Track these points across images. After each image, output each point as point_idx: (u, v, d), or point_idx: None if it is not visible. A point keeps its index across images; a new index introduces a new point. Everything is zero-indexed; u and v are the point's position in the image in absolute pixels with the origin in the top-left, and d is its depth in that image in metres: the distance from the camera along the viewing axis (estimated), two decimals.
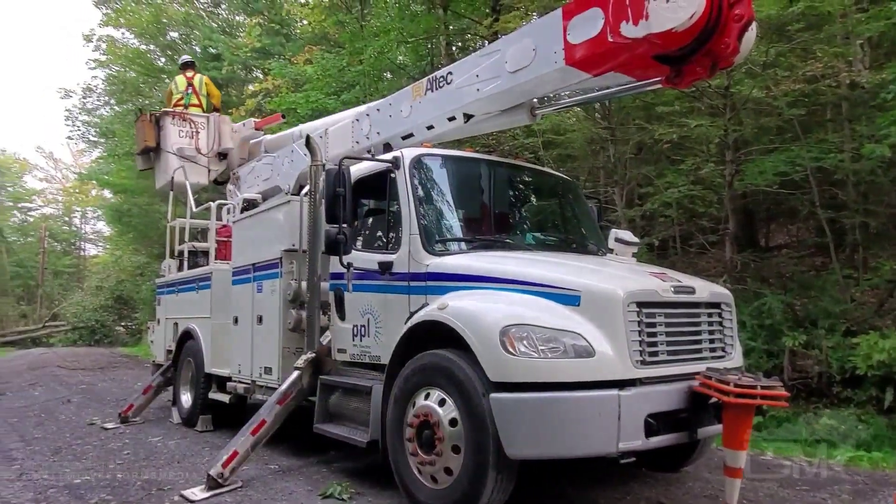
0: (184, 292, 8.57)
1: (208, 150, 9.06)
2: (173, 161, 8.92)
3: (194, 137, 9.02)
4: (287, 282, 6.01)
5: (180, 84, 9.69)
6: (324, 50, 16.25)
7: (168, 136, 8.93)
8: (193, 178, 8.91)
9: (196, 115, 9.17)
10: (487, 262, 4.48)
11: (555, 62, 4.46)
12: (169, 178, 8.93)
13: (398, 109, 5.80)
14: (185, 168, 8.85)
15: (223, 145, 9.03)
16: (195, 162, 8.96)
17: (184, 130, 8.97)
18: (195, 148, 8.99)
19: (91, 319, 30.90)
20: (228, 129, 9.23)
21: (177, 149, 8.82)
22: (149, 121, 9.09)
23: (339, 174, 4.80)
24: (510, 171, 5.84)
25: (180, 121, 8.96)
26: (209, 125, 9.16)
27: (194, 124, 9.02)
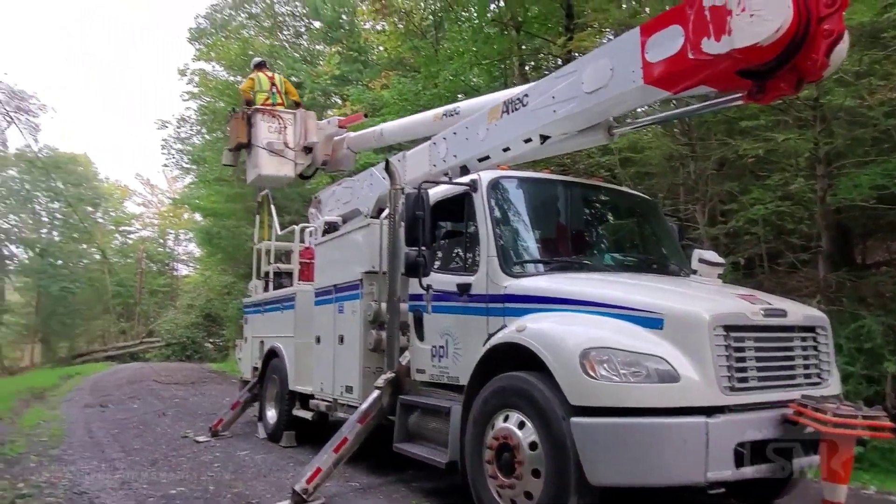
0: (269, 312, 8.94)
1: (295, 144, 9.39)
2: (263, 155, 9.28)
3: (282, 132, 9.38)
4: (367, 303, 6.17)
5: (264, 83, 10.06)
6: (400, 75, 16.68)
7: (258, 132, 9.32)
8: (281, 171, 9.27)
9: (284, 112, 9.56)
10: (566, 283, 4.46)
11: (633, 81, 4.43)
12: (259, 172, 9.32)
13: (474, 132, 5.90)
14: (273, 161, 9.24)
15: (309, 139, 9.37)
16: (283, 156, 9.31)
17: (273, 126, 9.36)
18: (283, 142, 9.35)
19: (183, 336, 32.66)
20: (314, 124, 9.58)
21: (266, 143, 9.20)
22: (241, 118, 9.54)
23: (419, 198, 4.91)
24: (587, 191, 5.80)
25: (269, 117, 9.37)
26: (296, 120, 9.53)
27: (282, 120, 9.40)
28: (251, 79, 9.95)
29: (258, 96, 9.84)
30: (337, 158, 9.39)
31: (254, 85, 9.84)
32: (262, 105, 9.73)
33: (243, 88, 10.01)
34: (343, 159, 9.46)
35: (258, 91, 9.91)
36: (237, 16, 27.23)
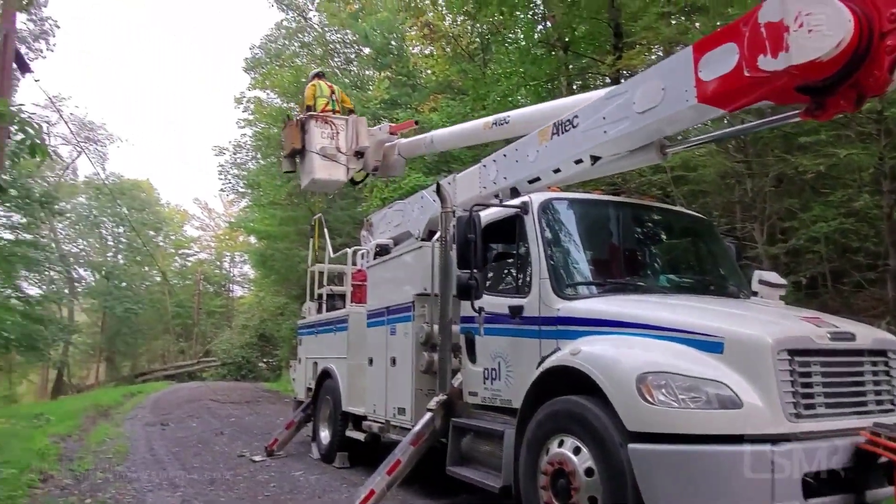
0: (323, 333, 9.10)
1: (347, 149, 9.58)
2: (316, 160, 9.47)
3: (335, 138, 9.56)
4: (419, 325, 6.22)
5: (325, 90, 10.27)
6: (448, 98, 16.90)
7: (312, 138, 9.51)
8: (334, 176, 9.48)
9: (336, 118, 9.77)
10: (620, 306, 4.40)
11: (686, 100, 4.38)
12: (312, 177, 9.53)
13: (524, 154, 5.91)
14: (326, 166, 9.41)
15: (360, 144, 9.53)
16: (335, 160, 9.50)
17: (325, 132, 9.54)
18: (336, 147, 9.53)
19: (238, 356, 33.46)
20: (365, 130, 9.76)
21: (319, 148, 9.40)
22: (295, 125, 9.80)
23: (470, 220, 4.95)
24: (639, 212, 5.72)
25: (322, 123, 9.57)
26: (348, 126, 9.73)
27: (335, 126, 9.60)
28: (313, 86, 10.21)
29: (319, 101, 10.03)
30: (388, 164, 9.54)
31: (315, 91, 10.08)
32: (323, 111, 9.98)
33: (306, 95, 10.28)
34: (394, 165, 9.60)
35: (319, 97, 10.10)
36: (290, 45, 28.16)
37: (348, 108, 10.43)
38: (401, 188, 14.18)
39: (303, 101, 10.32)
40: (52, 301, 27.46)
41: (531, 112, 6.94)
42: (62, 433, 10.96)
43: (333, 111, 10.00)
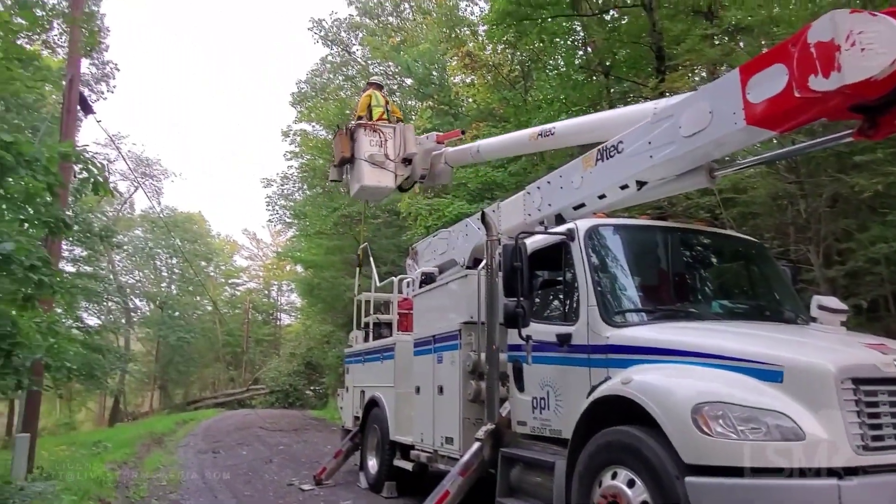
0: (370, 362, 9.16)
1: (395, 156, 9.71)
2: (365, 167, 9.60)
3: (383, 145, 9.71)
4: (466, 353, 6.20)
5: (380, 100, 10.53)
6: (490, 125, 17.02)
7: (361, 146, 9.69)
8: (382, 182, 9.60)
9: (384, 126, 9.94)
10: (672, 333, 4.30)
11: (734, 123, 4.32)
12: (361, 184, 9.65)
13: (569, 180, 5.90)
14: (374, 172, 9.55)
15: (408, 150, 9.66)
16: (384, 167, 9.63)
17: (374, 140, 9.70)
18: (384, 154, 9.68)
19: (285, 384, 33.89)
20: (412, 137, 9.89)
21: (368, 155, 9.56)
22: (345, 134, 9.99)
23: (516, 248, 4.94)
24: (688, 236, 5.62)
25: (371, 131, 9.75)
26: (395, 134, 9.89)
27: (383, 134, 9.76)
28: (368, 95, 10.43)
29: (375, 111, 10.25)
30: (435, 172, 9.63)
31: (371, 101, 10.29)
32: (377, 120, 10.15)
33: (360, 104, 10.49)
34: (441, 173, 9.70)
35: (375, 106, 10.34)
36: (334, 79, 28.96)
37: (398, 118, 10.63)
38: (445, 216, 14.28)
39: (356, 109, 10.56)
40: (110, 331, 28.47)
41: (576, 123, 6.95)
42: (119, 460, 11.27)
43: (389, 120, 10.18)
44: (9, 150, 5.52)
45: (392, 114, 10.54)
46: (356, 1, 28.73)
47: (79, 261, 22.52)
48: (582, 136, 7.37)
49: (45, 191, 6.10)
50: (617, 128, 6.42)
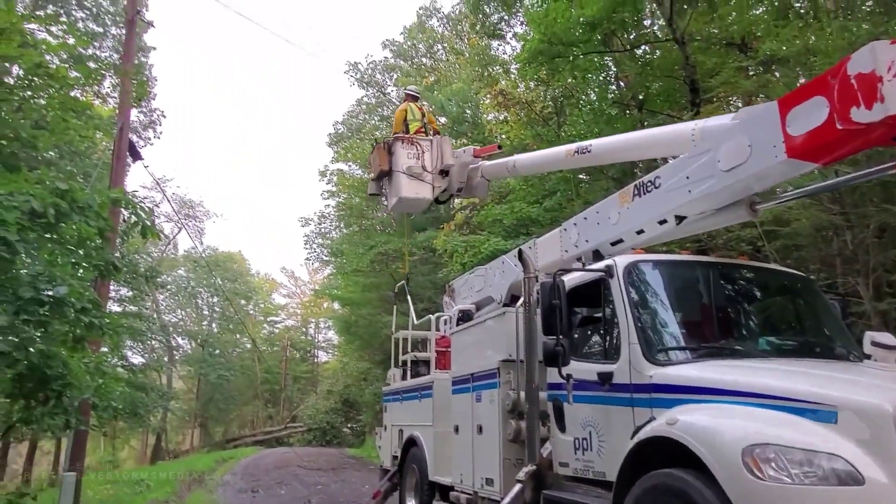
0: (408, 400, 9.11)
1: (433, 168, 9.78)
2: (403, 179, 9.68)
3: (420, 157, 9.80)
4: (505, 392, 6.12)
5: (416, 113, 10.61)
6: None
7: (398, 159, 9.81)
8: (420, 194, 9.65)
9: (421, 139, 10.04)
10: (717, 371, 4.19)
11: (775, 156, 4.28)
12: (399, 195, 9.72)
13: (606, 216, 5.88)
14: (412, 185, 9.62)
15: (445, 162, 9.70)
16: (421, 179, 9.69)
17: (411, 153, 9.81)
18: (422, 166, 9.76)
19: (323, 421, 33.93)
20: (449, 150, 9.94)
21: (406, 168, 9.64)
22: (382, 148, 10.12)
23: (554, 286, 4.91)
24: (731, 271, 5.50)
25: (408, 144, 9.87)
26: (433, 146, 9.97)
27: (420, 146, 9.87)
28: (403, 109, 10.56)
29: (412, 125, 10.39)
30: (472, 186, 9.67)
31: (408, 114, 10.42)
32: (415, 133, 10.26)
33: (396, 118, 10.62)
34: (478, 187, 9.73)
35: (412, 120, 10.46)
36: (370, 119, 29.64)
37: (434, 130, 10.73)
38: (480, 253, 14.32)
39: (394, 122, 10.70)
40: (153, 369, 29.04)
41: (613, 141, 6.94)
42: (161, 499, 11.37)
43: (426, 133, 10.29)
44: (64, 198, 5.79)
45: (429, 125, 10.65)
46: (391, 44, 29.59)
47: (125, 301, 23.19)
48: (618, 155, 7.33)
49: (97, 235, 6.35)
50: (654, 147, 6.41)
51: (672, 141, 5.73)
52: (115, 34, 19.78)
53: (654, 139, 6.17)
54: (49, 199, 5.60)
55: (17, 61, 7.39)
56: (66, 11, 18.55)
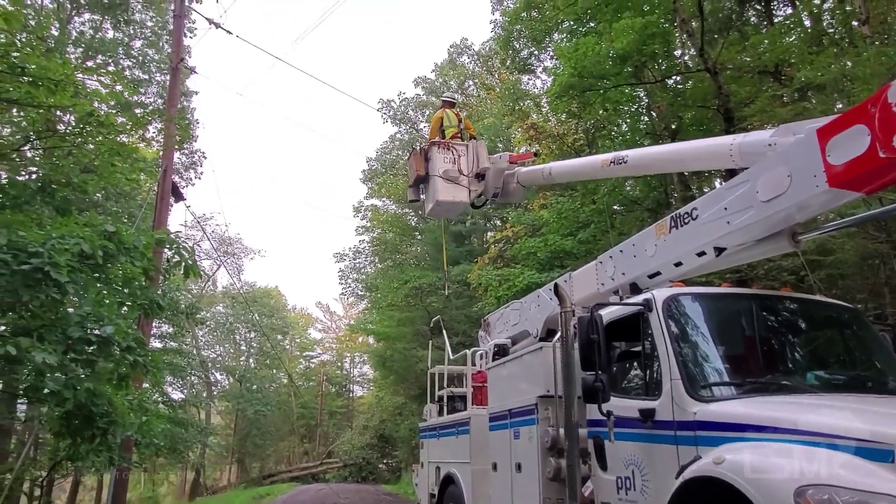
0: (444, 437, 9.03)
1: (469, 171, 9.78)
2: (440, 183, 9.68)
3: (456, 162, 9.81)
4: (544, 428, 6.03)
5: (452, 119, 10.63)
6: (557, 194, 17.12)
7: (435, 164, 9.82)
8: (457, 197, 9.64)
9: (457, 143, 10.05)
10: (765, 408, 4.06)
11: (816, 186, 4.22)
12: (437, 198, 9.69)
13: (642, 249, 5.82)
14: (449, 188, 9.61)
15: (481, 165, 9.72)
16: (458, 182, 9.68)
17: (448, 157, 9.82)
18: (458, 170, 9.77)
19: (358, 457, 33.70)
20: (485, 153, 9.96)
21: (442, 172, 9.65)
22: (419, 154, 10.16)
23: (592, 320, 4.85)
24: (775, 303, 5.37)
25: (444, 149, 9.87)
26: (468, 150, 9.98)
27: (456, 151, 9.87)
28: (438, 116, 10.61)
29: (448, 131, 10.44)
30: (507, 191, 9.67)
31: (444, 121, 10.47)
32: (454, 138, 10.29)
33: (432, 127, 10.66)
34: (513, 193, 9.72)
35: (448, 126, 10.51)
36: (403, 155, 30.07)
37: (472, 135, 10.74)
38: (515, 286, 14.26)
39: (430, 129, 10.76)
40: (192, 404, 29.39)
41: (650, 153, 6.89)
42: None
43: (463, 138, 10.35)
44: (112, 239, 6.01)
45: (466, 130, 10.71)
46: (423, 81, 30.17)
47: (165, 337, 23.66)
48: (654, 166, 7.26)
49: (142, 275, 6.56)
50: (691, 160, 6.34)
51: (709, 154, 5.68)
52: (159, 80, 20.66)
53: (691, 152, 6.11)
54: (98, 241, 5.83)
55: (71, 110, 7.76)
56: (114, 60, 19.49)
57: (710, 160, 5.93)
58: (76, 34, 19.17)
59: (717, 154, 5.46)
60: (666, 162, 6.75)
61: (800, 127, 4.64)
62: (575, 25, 15.17)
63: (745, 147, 5.03)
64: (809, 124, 4.50)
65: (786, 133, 4.76)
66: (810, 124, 4.49)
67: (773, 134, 4.84)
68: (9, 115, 8.37)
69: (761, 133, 5.13)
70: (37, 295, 5.53)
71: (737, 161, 5.18)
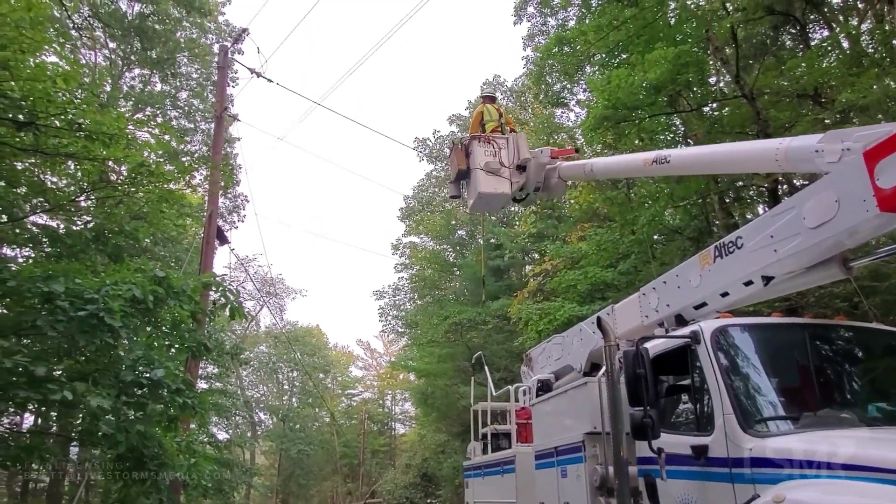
0: (489, 475, 8.88)
1: (510, 163, 9.71)
2: (481, 176, 9.65)
3: (497, 154, 9.77)
4: (592, 466, 5.87)
5: (493, 113, 10.63)
6: (595, 226, 17.02)
7: (475, 157, 9.79)
8: (499, 189, 9.57)
9: (498, 137, 10.03)
10: (825, 443, 3.88)
11: (866, 210, 4.10)
12: (479, 190, 9.66)
13: (686, 279, 5.71)
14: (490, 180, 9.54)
15: (522, 157, 9.64)
16: (499, 175, 9.61)
17: (488, 150, 9.79)
18: (499, 162, 9.72)
19: (402, 497, 33.26)
20: (525, 145, 9.90)
21: (484, 164, 9.63)
22: (460, 149, 10.15)
23: (638, 354, 4.76)
24: (829, 333, 5.18)
25: (485, 143, 9.86)
26: (509, 143, 9.94)
27: (497, 144, 9.85)
28: (479, 111, 10.66)
29: (488, 125, 10.44)
30: (549, 186, 9.56)
31: (484, 115, 10.49)
32: (493, 131, 10.27)
33: (473, 121, 10.67)
34: (555, 187, 9.59)
35: (489, 121, 10.51)
36: (439, 192, 30.40)
37: (512, 129, 10.69)
38: (556, 320, 14.11)
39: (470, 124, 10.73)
40: (237, 444, 29.61)
41: (693, 153, 6.76)
42: None
43: (503, 132, 10.32)
44: (161, 284, 6.21)
45: (507, 125, 10.68)
46: (457, 119, 30.60)
47: (211, 378, 24.02)
48: (697, 167, 7.08)
49: (189, 318, 6.73)
50: (735, 162, 6.14)
51: (754, 157, 5.51)
52: (203, 129, 21.49)
53: (736, 154, 5.92)
54: (149, 286, 6.03)
55: (124, 161, 8.14)
56: (161, 111, 20.40)
57: (755, 163, 5.72)
58: (127, 88, 20.19)
59: (762, 157, 5.30)
60: (709, 163, 6.58)
61: (848, 134, 4.49)
62: (607, 58, 15.27)
63: (791, 152, 4.86)
64: (859, 132, 4.38)
65: (834, 139, 4.59)
66: (860, 132, 4.37)
67: (820, 140, 4.67)
68: (65, 168, 8.81)
69: (808, 137, 4.94)
70: (92, 340, 5.74)
71: (782, 165, 5.02)
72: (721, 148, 6.64)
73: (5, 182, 7.44)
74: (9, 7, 6.01)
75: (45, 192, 7.84)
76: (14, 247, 8.21)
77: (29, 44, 6.35)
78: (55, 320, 5.63)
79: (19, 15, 6.08)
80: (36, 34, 6.43)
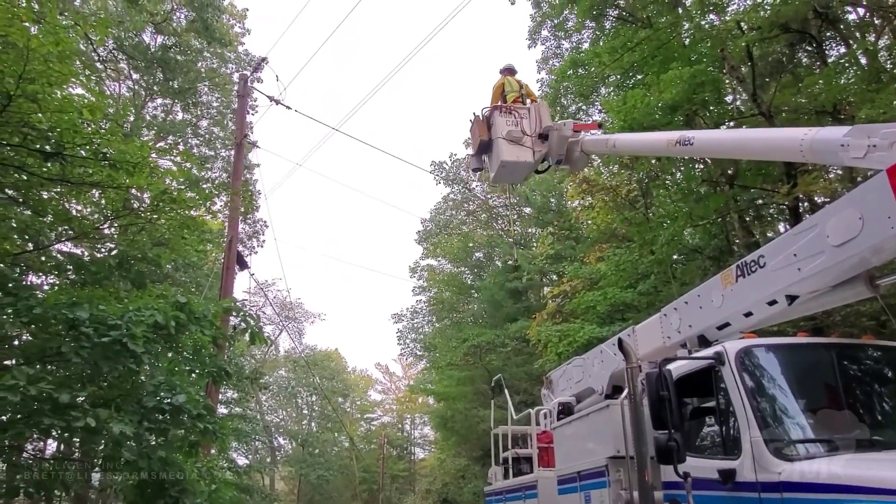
0: (511, 501, 8.75)
1: (532, 132, 9.62)
2: (503, 145, 9.55)
3: (519, 124, 9.69)
4: (616, 491, 5.77)
5: (514, 85, 10.57)
6: (613, 246, 16.91)
7: (497, 127, 9.71)
8: (521, 158, 9.47)
9: (519, 107, 9.95)
10: (859, 466, 3.79)
11: (891, 227, 4.03)
12: (501, 159, 9.55)
13: (708, 300, 5.64)
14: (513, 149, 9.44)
15: (544, 125, 9.56)
16: (521, 143, 9.52)
17: (510, 120, 9.71)
18: (521, 131, 9.63)
19: None
20: (547, 113, 9.85)
21: (506, 133, 9.54)
22: (482, 120, 10.04)
23: (660, 377, 4.69)
24: (858, 352, 5.08)
25: (506, 113, 9.78)
26: (531, 112, 9.86)
27: (518, 114, 9.78)
28: (500, 83, 10.58)
29: (509, 96, 10.36)
30: (571, 159, 9.48)
31: (505, 87, 10.44)
32: (514, 102, 10.19)
33: (494, 93, 10.58)
34: (577, 161, 9.50)
35: (509, 92, 10.45)
36: (456, 215, 30.49)
37: (532, 101, 10.54)
38: (576, 341, 13.99)
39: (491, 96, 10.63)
40: (256, 470, 29.54)
41: (717, 137, 6.63)
42: None
43: (524, 103, 10.24)
44: (183, 310, 6.27)
45: (527, 96, 10.60)
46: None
47: (231, 403, 24.08)
48: (720, 150, 6.94)
49: (210, 343, 6.77)
50: (759, 150, 5.99)
51: (778, 146, 5.37)
52: (223, 156, 21.85)
53: (760, 141, 5.78)
54: (171, 311, 6.08)
55: (147, 189, 8.28)
56: (183, 139, 20.79)
57: (779, 151, 5.57)
58: (149, 118, 20.63)
59: (786, 146, 5.17)
60: (732, 148, 6.45)
61: (875, 130, 4.38)
62: (622, 79, 15.31)
63: (816, 143, 4.74)
64: (886, 128, 4.30)
65: (860, 134, 4.47)
66: (887, 128, 4.29)
67: (846, 133, 4.53)
68: (90, 196, 8.99)
69: (835, 130, 4.82)
70: (115, 366, 5.79)
71: (806, 156, 4.91)
72: (746, 133, 6.46)
73: (32, 211, 7.60)
74: (38, 42, 6.18)
75: (71, 221, 7.98)
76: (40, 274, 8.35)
77: (56, 77, 6.52)
78: (79, 346, 5.69)
79: (47, 49, 6.26)
80: (63, 67, 6.61)
